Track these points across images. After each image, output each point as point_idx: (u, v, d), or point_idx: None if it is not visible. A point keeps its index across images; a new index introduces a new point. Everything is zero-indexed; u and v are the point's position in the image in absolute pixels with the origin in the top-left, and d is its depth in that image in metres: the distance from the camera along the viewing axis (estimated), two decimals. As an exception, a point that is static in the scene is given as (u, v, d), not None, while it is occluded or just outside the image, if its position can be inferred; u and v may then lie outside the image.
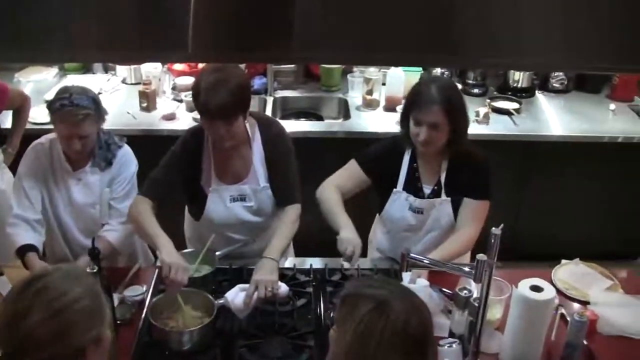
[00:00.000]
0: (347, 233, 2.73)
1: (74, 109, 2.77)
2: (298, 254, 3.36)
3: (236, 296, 2.61)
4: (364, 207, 3.13)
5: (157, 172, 2.87)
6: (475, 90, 4.91)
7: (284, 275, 2.90)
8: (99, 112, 2.89)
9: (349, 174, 2.95)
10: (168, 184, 2.88)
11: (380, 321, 1.60)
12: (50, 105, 2.86)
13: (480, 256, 2.31)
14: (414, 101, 2.79)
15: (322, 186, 2.93)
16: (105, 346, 1.72)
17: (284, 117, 4.73)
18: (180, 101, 4.55)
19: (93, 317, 1.68)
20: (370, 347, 1.59)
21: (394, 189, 2.96)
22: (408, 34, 1.02)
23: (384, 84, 4.68)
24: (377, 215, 3.15)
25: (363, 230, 3.09)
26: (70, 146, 2.86)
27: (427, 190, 2.94)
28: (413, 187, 2.95)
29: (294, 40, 1.00)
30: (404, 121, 2.85)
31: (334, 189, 2.90)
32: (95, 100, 2.86)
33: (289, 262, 3.07)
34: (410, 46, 1.03)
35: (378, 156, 2.95)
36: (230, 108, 2.64)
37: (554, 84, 5.02)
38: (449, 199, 2.90)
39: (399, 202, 2.97)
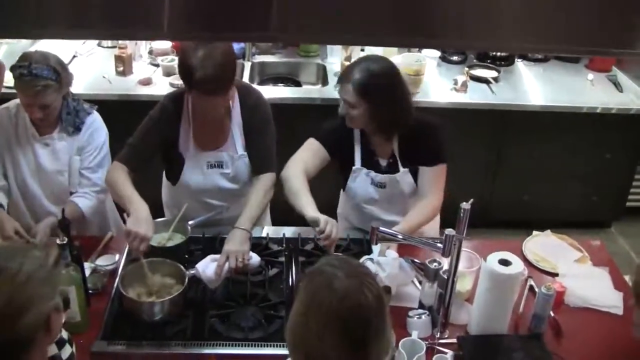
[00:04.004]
0: (317, 213, 2.69)
1: (32, 80, 2.73)
2: (275, 222, 3.37)
3: (207, 267, 2.61)
4: (331, 182, 3.13)
5: (135, 138, 2.86)
6: (455, 58, 4.91)
7: (256, 244, 2.90)
8: (61, 82, 2.83)
9: (311, 152, 2.94)
10: (146, 150, 2.88)
11: (323, 293, 1.61)
12: (12, 71, 2.81)
13: (449, 231, 2.33)
14: (341, 76, 2.84)
15: (288, 166, 2.90)
16: (55, 330, 1.72)
17: (261, 83, 4.71)
18: (157, 65, 4.51)
19: (41, 300, 1.65)
20: (312, 319, 1.61)
21: (353, 167, 2.97)
22: (384, 15, 1.01)
23: (362, 50, 4.65)
24: (342, 190, 3.16)
25: (331, 205, 3.12)
26: (32, 114, 2.85)
27: (383, 163, 2.95)
28: (370, 162, 2.96)
29: (270, 19, 1.00)
30: None
31: (299, 170, 2.87)
32: (56, 70, 2.79)
33: (263, 232, 3.07)
34: (386, 27, 1.03)
35: (332, 130, 2.94)
36: (220, 84, 2.65)
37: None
38: (407, 169, 2.91)
39: (360, 179, 2.98)
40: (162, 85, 4.27)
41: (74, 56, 4.56)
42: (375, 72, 2.74)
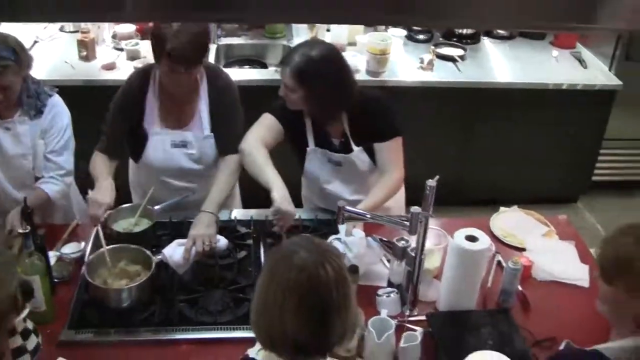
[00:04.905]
0: (282, 199, 2.66)
1: None
2: (246, 204, 3.35)
3: (174, 251, 2.60)
4: (294, 166, 3.11)
5: (106, 125, 2.90)
6: (421, 37, 4.90)
7: (224, 227, 2.89)
8: (21, 62, 2.78)
9: (267, 126, 2.91)
10: (118, 135, 2.92)
11: (283, 268, 1.61)
12: None
13: (414, 208, 2.34)
14: (282, 59, 2.85)
15: (246, 139, 2.87)
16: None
17: (227, 65, 4.67)
18: (121, 50, 4.44)
19: None
20: (272, 295, 1.60)
21: (307, 148, 2.96)
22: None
23: (328, 30, 4.64)
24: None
25: (296, 185, 3.12)
26: None
27: (336, 143, 2.94)
28: (324, 141, 2.95)
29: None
30: None
31: (260, 143, 2.85)
32: (15, 51, 2.74)
33: (230, 214, 3.06)
34: (354, 5, 1.02)
35: (285, 107, 2.91)
36: (195, 52, 2.68)
37: (499, 30, 5.02)
38: (361, 148, 2.90)
39: (316, 159, 2.97)
40: (127, 70, 4.21)
41: (35, 41, 4.48)
42: (314, 58, 2.71)
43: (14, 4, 0.98)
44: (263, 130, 2.91)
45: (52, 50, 4.45)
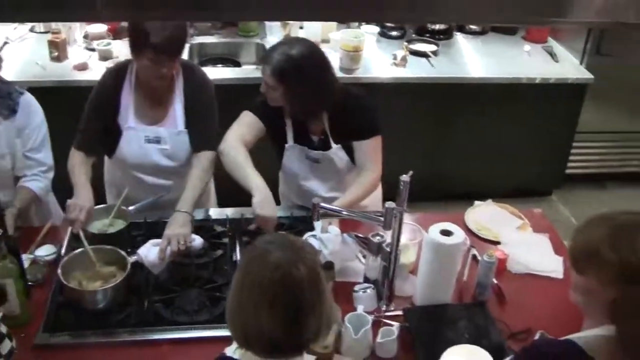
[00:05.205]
0: (261, 204, 2.67)
1: None
2: (221, 203, 3.34)
3: (149, 251, 2.59)
4: (272, 162, 3.12)
5: (81, 123, 2.91)
6: (394, 33, 4.91)
7: (200, 226, 2.88)
8: None
9: (247, 124, 2.92)
10: (94, 132, 2.91)
11: (256, 267, 1.61)
12: None
13: (389, 204, 2.34)
14: (263, 56, 2.88)
15: (226, 139, 2.88)
16: None
17: (201, 64, 4.63)
18: (93, 50, 4.41)
19: None
20: (246, 294, 1.61)
21: (286, 144, 2.96)
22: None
23: (301, 28, 4.64)
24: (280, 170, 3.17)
25: (274, 184, 3.11)
26: None
27: (315, 139, 2.95)
28: (303, 138, 2.96)
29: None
30: None
31: (239, 143, 2.86)
32: None
33: (206, 213, 3.05)
34: (328, 2, 1.03)
35: (266, 104, 2.91)
36: (176, 43, 2.70)
37: (472, 26, 5.06)
38: (340, 146, 2.92)
39: (294, 155, 2.98)
40: (99, 70, 4.16)
41: (5, 42, 4.43)
42: (294, 57, 2.71)
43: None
44: (243, 129, 2.91)
45: (22, 51, 4.40)
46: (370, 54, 4.60)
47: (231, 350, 1.76)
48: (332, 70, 2.86)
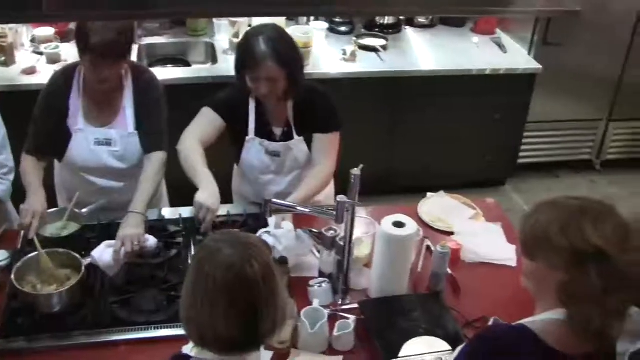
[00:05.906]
0: (204, 195, 2.66)
1: None
2: (173, 203, 3.33)
3: (103, 253, 2.56)
4: (225, 157, 3.12)
5: (31, 126, 2.87)
6: (342, 29, 4.92)
7: (154, 227, 2.86)
8: None
9: (206, 121, 2.92)
10: (45, 135, 2.88)
11: (207, 267, 1.61)
12: None
13: (341, 197, 2.36)
14: (245, 59, 2.80)
15: (183, 138, 2.88)
16: None
17: (150, 65, 4.59)
18: (41, 54, 4.34)
19: None
20: (199, 293, 1.61)
21: (247, 137, 2.96)
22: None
23: (249, 26, 4.61)
24: (235, 165, 3.16)
25: (226, 180, 3.11)
26: None
27: (277, 132, 2.97)
28: (264, 131, 2.97)
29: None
30: (239, 75, 2.86)
31: (195, 142, 2.86)
32: None
33: (159, 213, 3.03)
34: None
35: (227, 99, 2.93)
36: (119, 47, 2.65)
37: (420, 19, 5.09)
38: (302, 137, 2.94)
39: (254, 149, 2.98)
40: (47, 74, 4.04)
41: (-50, 48, 4.34)
42: (279, 37, 2.79)
43: None
44: (202, 127, 2.92)
45: (-33, 56, 4.31)
46: (319, 50, 4.61)
47: (188, 348, 1.76)
48: None
